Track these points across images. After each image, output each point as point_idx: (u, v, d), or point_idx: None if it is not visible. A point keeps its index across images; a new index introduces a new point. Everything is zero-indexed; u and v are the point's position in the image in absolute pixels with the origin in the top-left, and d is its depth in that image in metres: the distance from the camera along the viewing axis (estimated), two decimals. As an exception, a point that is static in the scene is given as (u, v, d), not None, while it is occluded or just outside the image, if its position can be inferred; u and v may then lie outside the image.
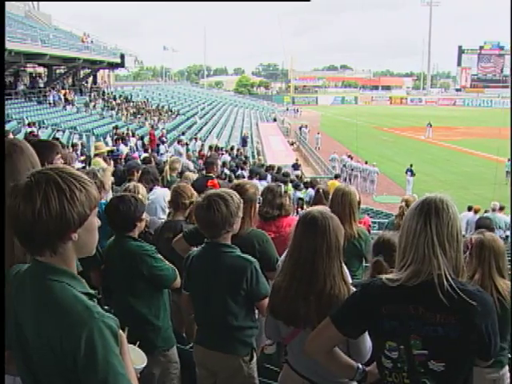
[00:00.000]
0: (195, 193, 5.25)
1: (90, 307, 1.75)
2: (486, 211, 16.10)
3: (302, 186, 17.74)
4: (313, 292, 2.82)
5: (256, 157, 32.09)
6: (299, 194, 14.44)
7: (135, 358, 2.28)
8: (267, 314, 3.14)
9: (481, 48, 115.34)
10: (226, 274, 3.48)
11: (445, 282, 2.22)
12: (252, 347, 3.66)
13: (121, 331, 1.86)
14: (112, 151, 16.73)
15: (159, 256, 4.03)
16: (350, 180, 29.40)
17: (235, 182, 5.87)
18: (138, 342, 2.64)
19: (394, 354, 2.34)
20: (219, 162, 11.64)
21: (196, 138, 32.68)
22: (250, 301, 3.56)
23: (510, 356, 4.20)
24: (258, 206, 4.65)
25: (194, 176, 8.74)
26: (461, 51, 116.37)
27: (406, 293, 2.28)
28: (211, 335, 3.63)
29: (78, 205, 1.77)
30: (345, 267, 3.09)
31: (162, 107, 48.59)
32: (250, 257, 3.58)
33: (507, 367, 4.07)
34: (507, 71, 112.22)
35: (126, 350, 1.95)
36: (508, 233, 15.13)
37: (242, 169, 19.85)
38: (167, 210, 6.16)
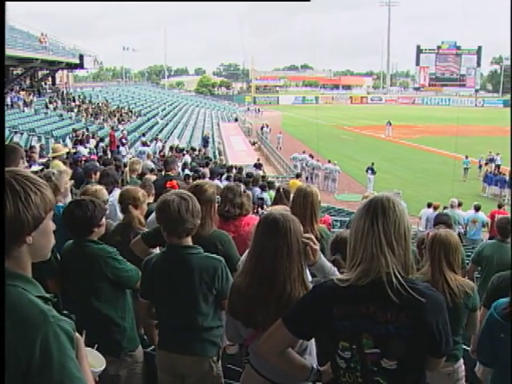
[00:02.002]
0: (146, 195, 5.24)
1: (45, 311, 1.72)
2: (445, 207, 16.35)
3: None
4: (272, 294, 2.80)
5: (218, 157, 32.02)
6: (266, 195, 14.41)
7: (93, 361, 2.26)
8: (227, 315, 3.13)
9: (438, 48, 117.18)
10: (197, 275, 3.45)
11: (393, 280, 2.24)
12: (219, 347, 3.66)
13: (78, 335, 1.85)
14: (69, 153, 16.49)
15: (121, 257, 3.99)
16: (311, 179, 29.62)
17: (194, 182, 5.85)
18: (96, 345, 2.60)
19: (347, 354, 2.35)
20: (179, 163, 11.57)
21: (157, 139, 32.43)
22: (218, 299, 3.54)
23: (464, 348, 4.30)
24: (217, 205, 4.63)
25: (153, 177, 8.69)
26: (419, 51, 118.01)
27: (357, 292, 2.28)
28: (179, 339, 3.60)
29: (33, 207, 1.75)
30: (306, 270, 3.07)
31: (123, 108, 48.15)
32: (217, 256, 3.60)
33: (462, 360, 4.14)
34: (464, 70, 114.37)
35: (84, 354, 1.93)
36: (461, 229, 15.41)
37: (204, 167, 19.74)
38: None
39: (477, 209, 15.43)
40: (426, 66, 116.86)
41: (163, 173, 9.57)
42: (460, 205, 16.17)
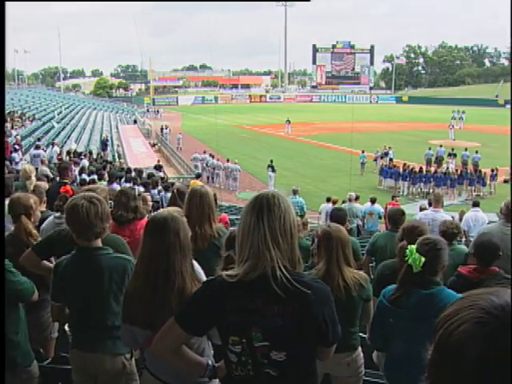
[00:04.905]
0: (38, 202, 5.04)
1: None
2: (343, 201, 16.69)
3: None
4: (170, 292, 2.85)
5: (117, 160, 31.43)
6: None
7: None
8: (121, 322, 3.10)
9: (333, 47, 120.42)
10: (107, 275, 3.48)
11: (278, 274, 2.27)
12: None
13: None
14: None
15: (15, 270, 3.87)
16: (212, 178, 29.74)
17: (85, 187, 5.74)
18: None
19: (237, 348, 2.38)
20: (74, 168, 11.19)
21: (53, 144, 31.37)
22: None
23: (362, 336, 4.43)
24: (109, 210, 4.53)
25: (46, 184, 8.29)
26: (315, 50, 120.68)
27: (245, 287, 2.31)
28: (91, 338, 3.58)
29: None
30: (197, 266, 3.19)
31: (15, 112, 46.23)
32: (126, 255, 3.69)
33: (360, 349, 4.24)
34: (358, 68, 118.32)
35: None
36: (359, 222, 15.81)
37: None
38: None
39: (373, 201, 15.86)
40: (323, 64, 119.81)
41: (58, 179, 9.25)
42: (357, 198, 16.62)
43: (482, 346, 0.96)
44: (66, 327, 4.49)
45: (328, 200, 17.15)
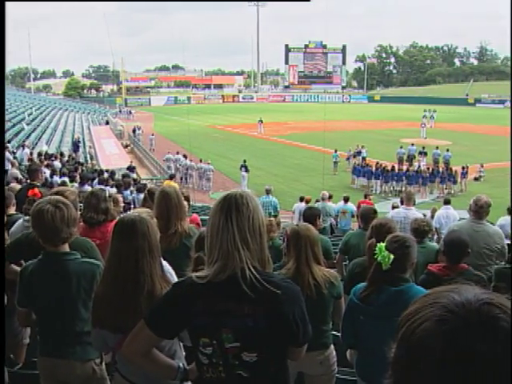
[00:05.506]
0: (6, 205, 5.00)
1: None
2: (317, 201, 16.74)
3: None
4: (140, 294, 2.83)
5: (89, 161, 31.16)
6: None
7: None
8: (92, 327, 3.07)
9: (306, 46, 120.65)
10: (75, 281, 3.43)
11: (248, 275, 2.26)
12: None
13: None
14: None
15: None
16: (185, 179, 29.65)
17: (54, 189, 5.70)
18: None
19: (208, 350, 2.37)
20: (45, 170, 11.08)
21: (24, 146, 30.94)
22: None
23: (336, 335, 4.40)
24: (79, 212, 4.54)
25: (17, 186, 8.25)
26: (288, 50, 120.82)
27: (215, 288, 2.30)
28: (60, 344, 3.54)
29: None
30: (168, 267, 3.22)
31: (-17, 114, 45.52)
32: (95, 260, 3.62)
33: (332, 347, 4.25)
34: (330, 68, 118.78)
35: None
36: (332, 220, 15.86)
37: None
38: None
39: (346, 200, 15.94)
40: (295, 64, 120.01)
41: (28, 181, 9.22)
42: (330, 197, 16.67)
43: (442, 345, 0.96)
44: None
45: (301, 199, 17.20)
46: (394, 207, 13.11)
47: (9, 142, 33.07)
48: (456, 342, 0.95)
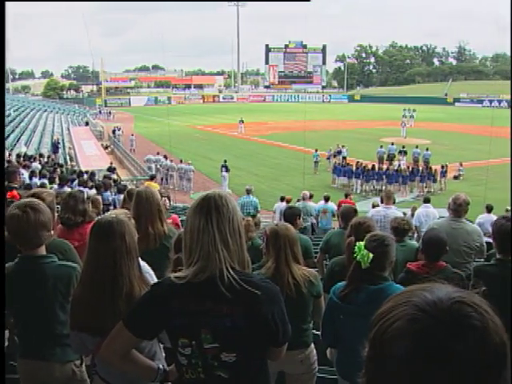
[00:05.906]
0: None
1: None
2: (297, 200, 16.75)
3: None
4: (115, 296, 2.82)
5: (69, 162, 30.95)
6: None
7: None
8: (70, 329, 3.04)
9: (286, 47, 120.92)
10: (51, 284, 3.40)
11: (225, 276, 2.26)
12: None
13: None
14: None
15: None
16: (166, 180, 29.54)
17: (31, 191, 5.65)
18: None
19: (187, 351, 2.36)
20: (24, 171, 10.98)
21: (1, 147, 30.70)
22: None
23: (317, 334, 4.42)
24: (56, 214, 4.56)
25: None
26: (268, 49, 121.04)
27: (194, 289, 2.29)
28: (40, 346, 3.52)
29: None
30: (148, 268, 3.23)
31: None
32: (71, 263, 3.57)
33: (312, 345, 4.26)
34: (310, 68, 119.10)
35: None
36: (313, 220, 15.88)
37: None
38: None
39: (326, 199, 15.96)
40: (275, 64, 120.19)
41: (6, 184, 9.05)
42: (311, 197, 16.70)
43: (413, 343, 0.96)
44: None
45: (282, 199, 17.22)
46: (374, 206, 13.17)
47: (-13, 143, 32.68)
48: (427, 341, 0.95)
